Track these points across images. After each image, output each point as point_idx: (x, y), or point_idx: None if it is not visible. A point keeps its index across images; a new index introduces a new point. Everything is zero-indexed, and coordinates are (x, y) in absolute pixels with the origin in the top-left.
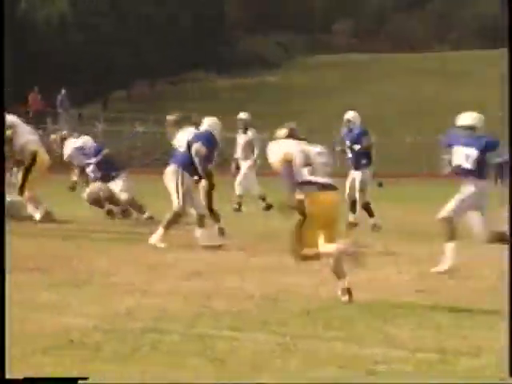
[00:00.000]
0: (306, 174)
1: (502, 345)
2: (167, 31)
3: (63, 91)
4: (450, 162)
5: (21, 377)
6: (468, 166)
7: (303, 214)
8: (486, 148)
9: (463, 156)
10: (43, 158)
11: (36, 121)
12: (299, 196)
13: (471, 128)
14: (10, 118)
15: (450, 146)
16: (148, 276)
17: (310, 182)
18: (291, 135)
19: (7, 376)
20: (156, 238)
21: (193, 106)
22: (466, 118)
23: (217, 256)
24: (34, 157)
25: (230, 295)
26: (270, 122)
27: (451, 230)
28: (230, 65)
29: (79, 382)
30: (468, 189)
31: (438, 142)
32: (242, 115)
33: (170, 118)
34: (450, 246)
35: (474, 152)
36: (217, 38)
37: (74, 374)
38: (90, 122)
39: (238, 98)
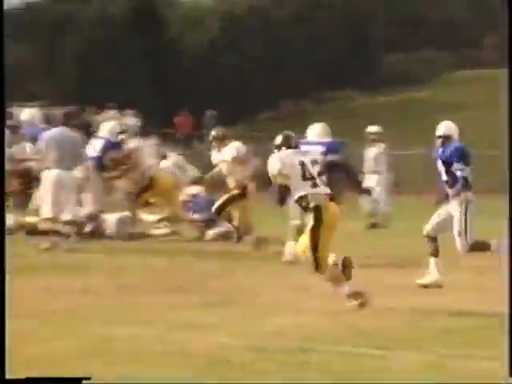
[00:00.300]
0: (309, 188)
1: (502, 345)
2: (310, 52)
3: (210, 112)
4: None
5: (21, 377)
6: (445, 178)
7: (319, 220)
8: (451, 158)
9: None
10: (163, 181)
11: (184, 143)
12: (314, 203)
13: (445, 137)
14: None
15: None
16: (294, 295)
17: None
18: (286, 144)
19: (7, 376)
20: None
21: (337, 123)
22: (440, 128)
23: (364, 273)
24: (151, 181)
25: (376, 313)
26: (412, 138)
27: (435, 245)
28: (373, 82)
29: (83, 382)
30: (450, 202)
31: None
32: (371, 129)
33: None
34: (433, 261)
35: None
36: (359, 56)
37: None
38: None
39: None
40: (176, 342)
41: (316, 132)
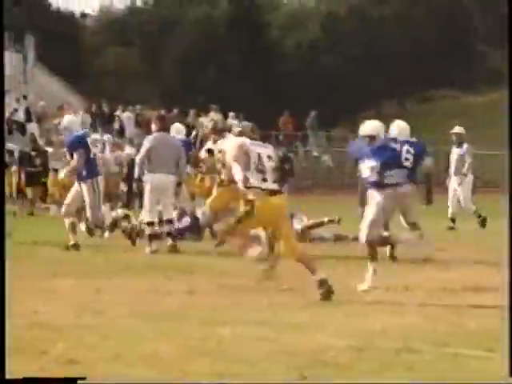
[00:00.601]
0: (257, 180)
1: (502, 345)
2: (412, 50)
3: (313, 113)
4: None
5: (20, 377)
6: (373, 177)
7: (249, 212)
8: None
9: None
10: None
11: (286, 144)
12: (250, 196)
13: (371, 137)
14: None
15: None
16: (398, 295)
17: (261, 188)
18: (244, 134)
19: (7, 376)
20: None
21: (443, 123)
22: (365, 128)
23: (466, 273)
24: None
25: (481, 313)
26: None
27: (373, 250)
28: (478, 81)
29: (78, 382)
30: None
31: None
32: (457, 129)
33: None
34: (372, 266)
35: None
36: (464, 54)
37: None
38: (339, 143)
39: (489, 113)
40: (280, 342)
41: (406, 132)
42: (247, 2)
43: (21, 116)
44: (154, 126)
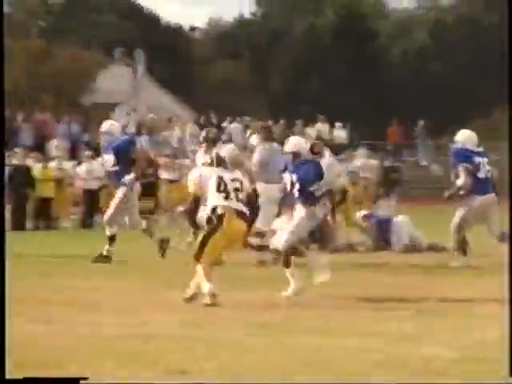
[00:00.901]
0: (221, 199)
1: (502, 345)
2: None
3: (421, 122)
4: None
5: (21, 377)
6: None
7: (219, 225)
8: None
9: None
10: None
11: (394, 153)
12: (221, 211)
13: (294, 154)
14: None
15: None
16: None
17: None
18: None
19: (7, 376)
20: None
21: None
22: (288, 145)
23: None
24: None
25: None
26: None
27: (288, 258)
28: None
29: (81, 382)
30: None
31: None
32: None
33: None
34: (289, 272)
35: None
36: None
37: None
38: (447, 152)
39: None
40: (388, 353)
41: (473, 140)
42: (353, 12)
43: (132, 129)
44: (259, 137)
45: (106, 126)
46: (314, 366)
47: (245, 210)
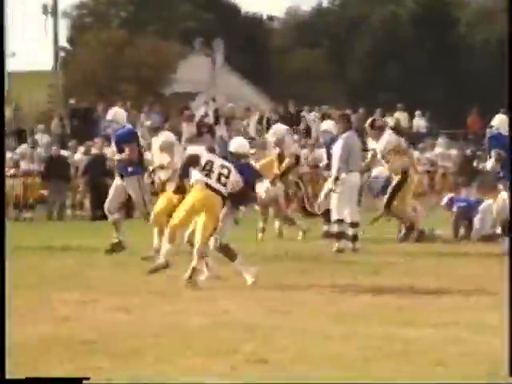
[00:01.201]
0: (201, 175)
1: (502, 345)
2: None
3: (501, 111)
4: None
5: (21, 377)
6: None
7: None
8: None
9: None
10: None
11: (474, 142)
12: (189, 183)
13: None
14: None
15: None
16: None
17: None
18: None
19: (7, 376)
20: None
21: None
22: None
23: None
24: (406, 173)
25: None
26: None
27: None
28: None
29: (84, 382)
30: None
31: None
32: None
33: None
34: (235, 265)
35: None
36: None
37: None
38: None
39: None
40: (472, 343)
41: (505, 125)
42: (434, 0)
43: (210, 119)
44: (338, 126)
45: (111, 113)
46: (394, 356)
47: (222, 189)
